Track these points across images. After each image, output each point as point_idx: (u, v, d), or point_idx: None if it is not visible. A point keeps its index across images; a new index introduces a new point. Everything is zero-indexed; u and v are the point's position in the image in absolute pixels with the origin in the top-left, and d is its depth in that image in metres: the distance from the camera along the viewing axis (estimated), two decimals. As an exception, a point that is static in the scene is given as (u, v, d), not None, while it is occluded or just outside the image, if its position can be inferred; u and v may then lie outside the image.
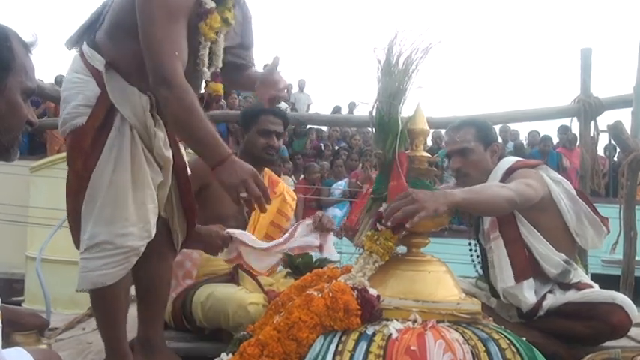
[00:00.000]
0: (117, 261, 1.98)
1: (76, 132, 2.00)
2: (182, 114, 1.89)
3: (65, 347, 2.39)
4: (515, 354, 1.62)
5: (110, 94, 1.98)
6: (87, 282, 1.99)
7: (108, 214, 1.97)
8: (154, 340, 2.24)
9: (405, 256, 1.87)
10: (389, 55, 1.83)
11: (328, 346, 1.61)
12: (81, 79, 2.02)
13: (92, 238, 1.97)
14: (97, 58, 2.02)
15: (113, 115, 1.99)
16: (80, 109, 1.99)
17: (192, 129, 1.90)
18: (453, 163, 2.62)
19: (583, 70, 4.09)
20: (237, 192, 1.86)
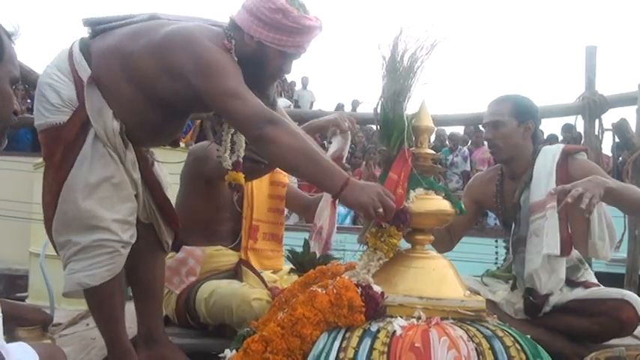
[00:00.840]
0: (102, 261, 1.98)
1: (51, 132, 1.99)
2: (298, 143, 1.85)
3: (69, 343, 2.39)
4: (519, 351, 1.62)
5: (88, 109, 1.97)
6: (72, 283, 1.99)
7: (85, 226, 1.96)
8: (156, 334, 2.26)
9: (409, 253, 1.87)
10: (394, 52, 1.82)
11: (332, 343, 1.61)
12: (59, 79, 2.00)
13: (77, 244, 1.97)
14: (84, 67, 2.00)
15: (87, 129, 1.97)
16: (57, 106, 1.98)
17: (312, 155, 1.85)
18: (485, 133, 2.72)
19: (588, 68, 4.07)
20: (375, 209, 1.76)
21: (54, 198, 1.98)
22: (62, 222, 1.98)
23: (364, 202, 1.77)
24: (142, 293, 2.26)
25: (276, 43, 1.97)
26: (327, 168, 1.85)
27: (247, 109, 1.85)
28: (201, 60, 1.90)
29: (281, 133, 1.83)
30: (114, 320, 2.09)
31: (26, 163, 6.95)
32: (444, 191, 1.91)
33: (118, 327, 2.10)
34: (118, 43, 2.03)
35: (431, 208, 1.85)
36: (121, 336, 2.11)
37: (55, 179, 1.97)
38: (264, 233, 2.82)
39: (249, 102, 1.86)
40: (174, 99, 2.03)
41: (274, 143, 1.84)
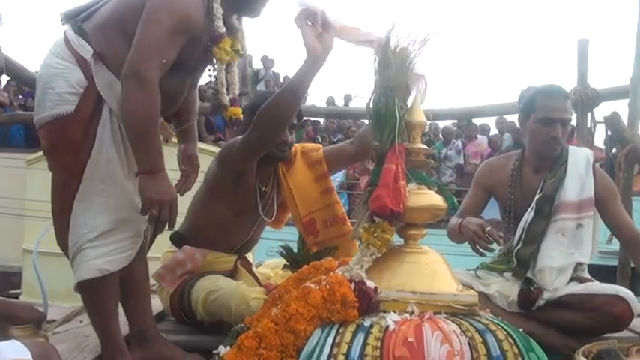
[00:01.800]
0: (124, 246, 2.01)
1: (60, 122, 1.98)
2: (138, 114, 1.91)
3: (62, 340, 2.38)
4: (512, 345, 1.63)
5: (98, 85, 1.98)
6: (91, 270, 1.98)
7: (111, 204, 1.99)
8: (149, 331, 2.24)
9: (402, 248, 1.87)
10: (386, 47, 1.82)
11: (326, 338, 1.62)
12: (63, 65, 2.00)
13: (95, 230, 1.98)
14: (84, 46, 2.00)
15: (101, 106, 1.99)
16: (65, 96, 1.98)
17: (143, 130, 1.93)
18: (555, 130, 2.58)
19: (580, 61, 4.09)
20: (151, 207, 1.91)
21: (77, 178, 1.98)
22: (86, 200, 1.98)
23: (151, 197, 1.91)
24: (127, 290, 2.21)
25: None
26: (148, 151, 1.94)
27: (133, 58, 1.91)
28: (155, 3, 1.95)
29: (137, 94, 1.90)
30: (108, 316, 2.08)
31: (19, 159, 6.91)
32: (436, 186, 1.92)
33: (111, 323, 2.09)
34: (108, 16, 2.05)
35: (424, 203, 1.85)
36: (114, 332, 2.10)
37: (77, 160, 1.98)
38: (324, 221, 2.70)
39: (142, 54, 1.91)
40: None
41: (126, 96, 1.91)
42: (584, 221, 2.53)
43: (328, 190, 2.74)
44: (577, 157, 2.61)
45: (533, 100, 2.64)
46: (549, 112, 2.58)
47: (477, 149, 9.90)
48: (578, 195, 2.55)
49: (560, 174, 2.59)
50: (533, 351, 1.65)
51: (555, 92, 2.64)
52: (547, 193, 2.58)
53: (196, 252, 2.60)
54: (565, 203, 2.54)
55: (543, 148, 2.62)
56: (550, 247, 2.51)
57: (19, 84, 9.24)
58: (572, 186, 2.55)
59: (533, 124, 2.62)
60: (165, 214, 1.93)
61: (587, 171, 2.58)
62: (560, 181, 2.57)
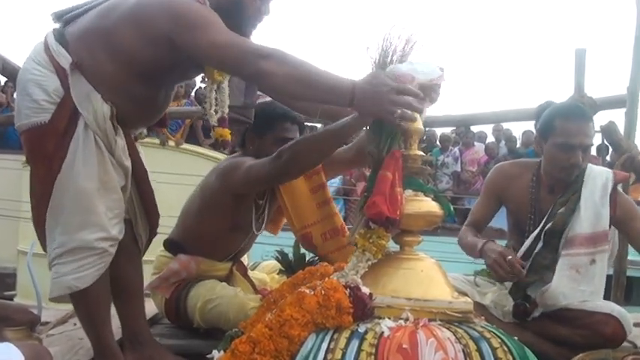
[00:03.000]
0: (91, 262, 1.96)
1: (37, 131, 1.95)
2: (296, 70, 1.80)
3: (56, 343, 2.38)
4: (506, 353, 1.62)
5: (74, 97, 1.94)
6: (61, 287, 1.97)
7: (77, 221, 1.94)
8: (142, 335, 2.24)
9: (398, 255, 1.87)
10: (382, 54, 1.82)
11: (320, 344, 1.61)
12: (41, 73, 1.97)
13: (63, 246, 1.95)
14: (63, 54, 1.97)
15: (76, 117, 1.94)
16: (43, 104, 1.94)
17: (313, 77, 1.80)
18: (575, 156, 2.43)
19: (577, 70, 4.09)
20: (392, 114, 1.69)
21: (48, 191, 1.95)
22: (55, 215, 1.96)
23: (376, 112, 1.73)
24: (120, 293, 2.22)
25: None
26: (330, 87, 1.79)
27: (234, 51, 1.85)
28: (180, 16, 1.90)
29: (275, 65, 1.80)
30: (100, 322, 2.07)
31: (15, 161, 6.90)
32: (433, 193, 1.91)
33: (104, 328, 2.08)
34: (92, 23, 2.01)
35: (420, 210, 1.84)
36: (107, 337, 2.09)
37: (49, 172, 1.95)
38: (322, 234, 2.65)
39: (233, 43, 1.86)
40: (158, 68, 2.02)
41: (271, 76, 1.81)
42: (598, 256, 2.44)
43: (326, 202, 2.68)
44: (594, 183, 2.48)
45: (552, 121, 2.49)
46: (570, 138, 2.43)
47: (473, 156, 9.92)
48: (592, 227, 2.44)
49: (571, 204, 2.48)
50: (528, 359, 1.65)
51: (577, 115, 2.50)
52: (556, 226, 2.47)
53: (191, 261, 2.58)
54: (579, 236, 2.44)
55: (561, 174, 2.51)
56: (564, 284, 2.42)
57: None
58: (586, 217, 2.45)
59: (552, 148, 2.49)
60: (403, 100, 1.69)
61: (604, 200, 2.46)
62: (571, 212, 2.47)
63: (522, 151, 9.49)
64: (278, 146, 2.37)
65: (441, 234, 6.96)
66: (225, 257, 2.66)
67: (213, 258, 2.62)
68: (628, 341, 2.55)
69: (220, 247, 2.64)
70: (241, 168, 2.32)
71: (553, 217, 2.50)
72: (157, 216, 2.27)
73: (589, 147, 2.51)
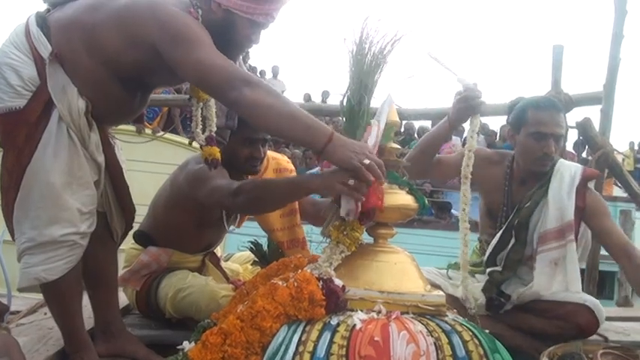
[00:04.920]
0: (60, 255, 1.93)
1: (10, 117, 1.90)
2: (278, 102, 1.77)
3: (26, 332, 2.34)
4: (477, 346, 1.63)
5: (50, 87, 1.89)
6: (29, 278, 1.93)
7: (47, 216, 1.90)
8: (114, 324, 2.23)
9: (372, 247, 1.87)
10: (359, 46, 1.82)
11: (292, 336, 1.60)
12: (19, 58, 1.91)
13: (32, 240, 1.92)
14: (43, 43, 1.92)
15: (50, 109, 1.90)
16: (18, 89, 1.89)
17: (293, 113, 1.77)
18: (547, 145, 2.50)
19: (554, 67, 4.12)
20: (360, 160, 1.69)
21: (15, 183, 1.91)
22: (24, 208, 1.92)
23: (347, 157, 1.71)
24: (94, 284, 2.21)
25: (244, 10, 1.92)
26: (309, 125, 1.76)
27: (221, 73, 1.79)
28: (169, 27, 1.84)
29: (259, 94, 1.76)
30: (71, 313, 2.05)
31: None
32: (407, 186, 1.91)
33: (75, 319, 2.06)
34: (78, 15, 1.95)
35: (394, 203, 1.84)
36: (78, 328, 2.07)
37: (18, 163, 1.90)
38: (286, 241, 2.69)
39: (221, 65, 1.80)
40: (138, 72, 1.97)
41: (254, 105, 1.77)
42: (568, 246, 2.50)
43: (292, 212, 2.72)
44: (562, 177, 2.54)
45: (524, 112, 2.55)
46: (542, 127, 2.49)
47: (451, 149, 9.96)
48: (559, 220, 2.50)
49: (537, 197, 2.53)
50: (499, 352, 1.66)
51: (548, 105, 2.57)
52: (522, 219, 2.53)
53: (161, 253, 2.56)
54: (549, 231, 2.50)
55: (534, 164, 2.55)
56: (547, 281, 2.49)
57: None
58: (553, 212, 2.50)
59: (525, 138, 2.54)
60: (373, 157, 1.72)
61: (570, 194, 2.51)
62: (536, 205, 2.53)
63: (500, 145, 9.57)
64: (246, 146, 2.43)
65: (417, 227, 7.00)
66: (197, 250, 2.64)
67: (185, 251, 2.60)
68: (599, 334, 2.59)
69: (190, 241, 2.62)
70: (207, 185, 2.27)
71: (519, 211, 2.56)
72: (132, 211, 2.25)
73: (561, 136, 2.56)
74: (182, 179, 2.46)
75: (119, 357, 2.19)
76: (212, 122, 2.23)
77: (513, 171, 2.66)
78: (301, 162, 9.46)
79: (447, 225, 8.23)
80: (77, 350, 2.06)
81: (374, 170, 1.69)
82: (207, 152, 2.18)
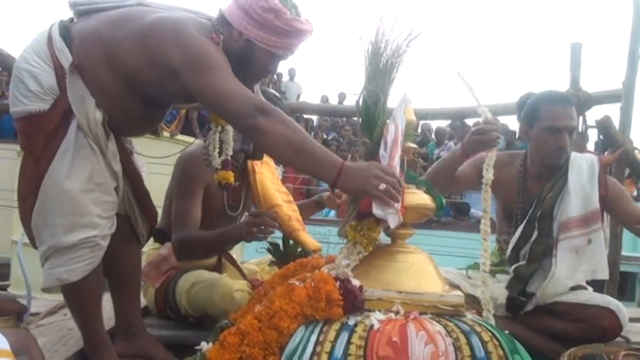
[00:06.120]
0: (82, 256, 1.95)
1: (30, 121, 1.93)
2: (291, 133, 1.78)
3: (45, 333, 2.37)
4: (497, 347, 1.61)
5: (70, 97, 1.91)
6: (52, 279, 1.95)
7: (65, 224, 1.92)
8: (135, 326, 2.24)
9: (389, 248, 1.86)
10: (375, 45, 1.81)
11: (309, 336, 1.60)
12: (39, 65, 1.94)
13: (52, 247, 1.93)
14: (64, 53, 1.94)
15: (69, 118, 1.92)
16: (38, 94, 1.92)
17: (304, 145, 1.78)
18: (562, 138, 2.51)
19: (573, 65, 4.09)
20: (375, 187, 1.68)
21: (33, 190, 1.93)
22: (42, 216, 1.93)
23: (361, 186, 1.70)
24: (117, 285, 2.24)
25: (265, 42, 1.94)
26: (320, 158, 1.77)
27: (237, 101, 1.80)
28: (191, 51, 1.84)
29: (273, 123, 1.78)
30: (91, 314, 2.06)
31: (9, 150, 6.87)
32: (425, 185, 1.90)
33: (94, 320, 2.08)
34: (100, 28, 1.97)
35: (412, 203, 1.83)
36: (97, 328, 2.09)
37: (36, 170, 1.92)
38: (286, 215, 2.70)
39: (238, 93, 1.81)
40: (156, 90, 1.99)
41: (267, 133, 1.78)
42: (594, 235, 2.48)
43: (285, 192, 2.81)
44: (580, 167, 2.54)
45: (537, 107, 2.56)
46: (556, 121, 2.50)
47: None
48: (582, 209, 2.49)
49: (558, 187, 2.53)
50: (518, 353, 1.64)
51: (560, 99, 2.58)
52: (545, 209, 2.52)
53: None
54: (572, 219, 2.49)
55: (549, 158, 2.56)
56: (564, 268, 2.46)
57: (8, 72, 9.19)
58: (576, 199, 2.49)
59: (539, 133, 2.55)
60: (387, 178, 1.69)
61: (592, 181, 2.51)
62: (558, 194, 2.52)
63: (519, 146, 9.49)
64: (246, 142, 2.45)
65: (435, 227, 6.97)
66: None
67: None
68: (621, 336, 2.55)
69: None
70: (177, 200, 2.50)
71: (542, 202, 2.55)
72: (155, 214, 2.29)
73: (574, 129, 2.58)
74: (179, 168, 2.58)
75: (138, 357, 2.21)
76: (229, 146, 2.26)
77: (527, 167, 2.66)
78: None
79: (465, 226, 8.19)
80: (96, 350, 2.08)
81: (391, 194, 1.69)
82: (221, 176, 2.24)
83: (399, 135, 1.79)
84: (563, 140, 2.51)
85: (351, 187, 1.74)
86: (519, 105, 2.70)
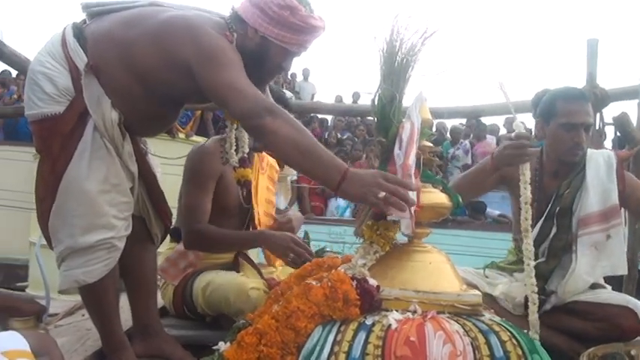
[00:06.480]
0: (98, 257, 1.96)
1: (46, 124, 1.94)
2: (297, 135, 1.79)
3: (64, 334, 2.39)
4: (515, 346, 1.60)
5: (86, 98, 1.92)
6: (69, 280, 1.97)
7: (84, 224, 1.93)
8: (152, 326, 2.25)
9: (406, 247, 1.85)
10: (390, 44, 1.80)
11: (327, 336, 1.60)
12: (54, 67, 1.95)
13: (70, 248, 1.95)
14: (79, 54, 1.95)
15: (85, 120, 1.93)
16: (53, 96, 1.92)
17: (310, 147, 1.78)
18: (578, 135, 2.49)
19: (589, 61, 4.05)
20: (375, 195, 1.68)
21: (51, 192, 1.94)
22: (60, 217, 1.94)
23: (362, 193, 1.71)
24: (134, 286, 2.25)
25: (280, 39, 1.95)
26: (324, 162, 1.77)
27: (248, 100, 1.81)
28: (204, 47, 1.86)
29: (280, 124, 1.78)
30: (108, 314, 2.08)
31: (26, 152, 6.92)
32: (441, 184, 1.90)
33: (112, 320, 2.09)
34: (113, 29, 1.98)
35: (428, 202, 1.83)
36: (115, 329, 2.10)
37: (53, 172, 1.94)
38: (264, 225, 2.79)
39: (249, 92, 1.82)
40: (171, 89, 2.00)
41: (273, 134, 1.79)
42: (613, 231, 2.46)
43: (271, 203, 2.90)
44: (597, 162, 2.53)
45: (553, 104, 2.55)
46: (572, 117, 2.49)
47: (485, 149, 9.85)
48: (602, 204, 2.48)
49: (576, 182, 2.51)
50: (537, 353, 1.63)
51: (577, 95, 2.57)
52: (565, 205, 2.50)
53: None
54: (591, 215, 2.47)
55: (566, 154, 2.54)
56: (584, 263, 2.44)
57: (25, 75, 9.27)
58: (595, 195, 2.47)
59: (556, 130, 2.54)
60: (389, 186, 1.69)
61: (610, 176, 2.50)
62: (576, 190, 2.50)
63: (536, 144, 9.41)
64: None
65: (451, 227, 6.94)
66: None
67: None
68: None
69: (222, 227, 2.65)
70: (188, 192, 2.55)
71: (560, 198, 2.53)
72: (169, 215, 2.30)
73: (590, 126, 2.56)
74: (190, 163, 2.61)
75: (156, 357, 2.22)
76: (245, 144, 2.27)
77: (543, 165, 2.64)
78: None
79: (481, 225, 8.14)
80: (115, 350, 2.09)
81: (393, 202, 1.68)
82: (239, 174, 2.27)
83: (414, 133, 1.78)
84: (580, 137, 2.49)
85: (352, 193, 1.74)
86: (535, 102, 2.68)
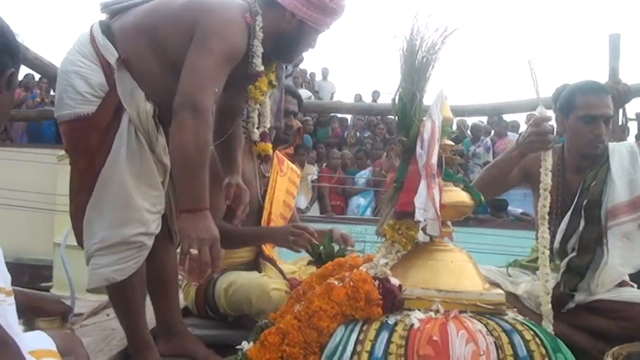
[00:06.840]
0: (129, 255, 1.98)
1: (79, 123, 1.96)
2: (192, 144, 1.84)
3: (89, 333, 2.41)
4: (539, 346, 1.59)
5: (119, 92, 1.94)
6: (99, 279, 1.99)
7: (120, 217, 1.96)
8: (175, 325, 2.27)
9: (428, 246, 1.84)
10: (410, 43, 1.80)
11: (349, 336, 1.60)
12: (86, 65, 1.97)
13: (104, 241, 1.97)
14: (110, 50, 1.97)
15: (120, 114, 1.95)
16: (87, 96, 1.95)
17: (193, 163, 1.86)
18: (598, 127, 2.48)
19: (611, 56, 4.01)
20: (189, 246, 1.83)
21: (88, 186, 1.97)
22: (97, 210, 1.97)
23: (189, 235, 1.84)
24: (155, 285, 2.25)
25: (313, 21, 2.05)
26: (192, 187, 1.86)
27: (193, 89, 1.86)
28: (207, 25, 1.92)
29: (191, 127, 1.84)
30: (135, 313, 2.10)
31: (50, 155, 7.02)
32: (462, 183, 1.89)
33: (138, 319, 2.11)
34: (138, 20, 2.02)
35: (450, 200, 1.82)
36: (141, 328, 2.12)
37: (91, 167, 1.96)
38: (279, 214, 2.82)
39: (201, 85, 1.87)
40: None
41: (179, 128, 1.86)
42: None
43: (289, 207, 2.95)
44: (620, 154, 2.50)
45: (572, 97, 2.54)
46: (592, 109, 2.48)
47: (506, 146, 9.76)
48: (629, 193, 2.44)
49: (601, 174, 2.48)
50: (561, 352, 1.62)
51: (596, 88, 2.56)
52: (593, 197, 2.47)
53: None
54: (619, 205, 2.43)
55: (587, 148, 2.52)
56: (617, 255, 2.40)
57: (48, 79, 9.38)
58: (621, 185, 2.44)
59: (575, 123, 2.53)
60: (206, 252, 1.85)
61: (635, 166, 2.46)
62: (603, 182, 2.47)
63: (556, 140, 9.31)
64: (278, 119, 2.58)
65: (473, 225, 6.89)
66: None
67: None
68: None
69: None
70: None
71: (586, 191, 2.50)
72: None
73: (610, 118, 2.55)
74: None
75: (180, 356, 2.23)
76: (267, 119, 2.29)
77: (565, 160, 2.63)
78: (352, 163, 9.44)
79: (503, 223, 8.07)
80: (140, 350, 2.11)
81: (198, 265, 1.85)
82: (260, 148, 2.28)
83: (436, 132, 1.78)
84: (600, 129, 2.48)
85: (183, 227, 1.87)
86: (555, 97, 2.67)
